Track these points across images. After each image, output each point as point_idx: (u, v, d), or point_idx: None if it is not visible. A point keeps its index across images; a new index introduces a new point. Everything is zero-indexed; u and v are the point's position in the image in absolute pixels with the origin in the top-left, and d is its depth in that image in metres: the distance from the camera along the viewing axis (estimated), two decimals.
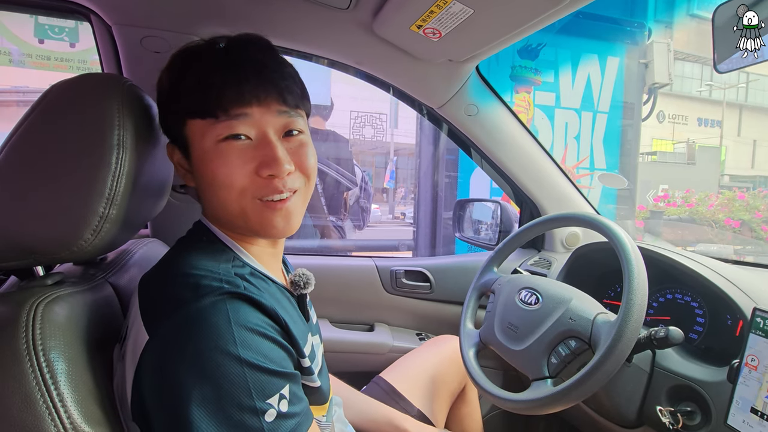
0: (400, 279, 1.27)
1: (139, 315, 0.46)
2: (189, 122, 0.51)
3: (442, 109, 1.07)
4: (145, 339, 0.43)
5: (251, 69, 0.50)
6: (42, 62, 3.71)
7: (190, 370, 0.41)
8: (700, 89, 13.99)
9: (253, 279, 0.50)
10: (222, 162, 0.49)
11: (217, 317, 0.43)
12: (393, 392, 0.95)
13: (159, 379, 0.42)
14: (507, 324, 0.81)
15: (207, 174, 0.50)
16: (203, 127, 0.49)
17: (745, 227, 4.86)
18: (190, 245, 0.54)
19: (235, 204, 0.51)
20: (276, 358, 0.45)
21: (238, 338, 0.42)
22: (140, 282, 0.50)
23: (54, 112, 0.48)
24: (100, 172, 0.47)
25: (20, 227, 0.45)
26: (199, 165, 0.51)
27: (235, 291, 0.45)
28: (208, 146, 0.49)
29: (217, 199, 0.51)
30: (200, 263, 0.48)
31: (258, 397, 0.42)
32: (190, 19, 0.81)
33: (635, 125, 3.72)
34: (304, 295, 0.60)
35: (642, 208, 5.55)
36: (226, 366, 0.41)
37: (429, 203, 3.12)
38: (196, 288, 0.45)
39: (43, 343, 0.41)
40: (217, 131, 0.49)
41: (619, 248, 0.69)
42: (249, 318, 0.45)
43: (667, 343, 0.65)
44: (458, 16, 0.70)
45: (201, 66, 0.50)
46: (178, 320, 0.43)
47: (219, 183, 0.50)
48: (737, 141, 14.13)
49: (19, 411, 0.39)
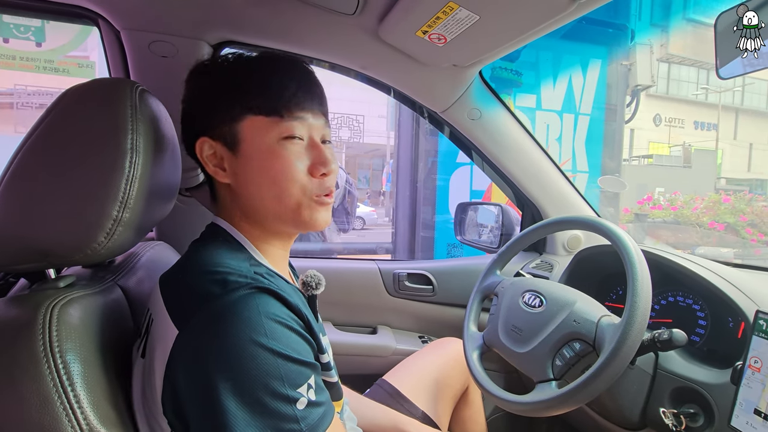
0: (402, 282, 1.28)
1: (165, 312, 0.47)
2: (249, 118, 0.53)
3: (446, 113, 1.08)
4: (175, 333, 0.44)
5: (312, 81, 0.57)
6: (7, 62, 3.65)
7: (224, 361, 0.42)
8: (696, 92, 14.09)
9: (270, 278, 0.51)
10: (285, 158, 0.53)
11: (248, 310, 0.44)
12: (397, 395, 0.95)
13: (193, 371, 0.43)
14: (511, 326, 0.81)
15: (267, 168, 0.53)
16: (266, 125, 0.53)
17: (729, 230, 4.89)
18: (209, 245, 0.55)
19: (293, 198, 0.54)
20: (302, 350, 0.47)
21: (268, 330, 0.44)
22: (161, 281, 0.51)
23: (68, 117, 0.49)
24: (114, 175, 0.47)
25: (35, 230, 0.46)
26: (255, 159, 0.54)
27: (262, 285, 0.47)
28: (271, 143, 0.53)
29: (274, 193, 0.54)
30: (223, 261, 0.50)
31: (290, 386, 0.43)
32: (199, 24, 0.82)
33: (618, 127, 3.75)
34: (315, 296, 0.61)
35: (627, 211, 5.57)
36: (258, 356, 0.42)
37: (408, 205, 3.12)
38: (224, 283, 0.46)
39: (59, 345, 0.42)
40: (280, 130, 0.53)
41: (623, 251, 0.70)
42: (276, 311, 0.46)
43: (670, 345, 0.66)
44: (464, 22, 0.71)
45: (273, 68, 0.55)
46: (210, 313, 0.44)
47: (282, 177, 0.53)
48: (733, 144, 14.23)
49: (37, 412, 0.39)
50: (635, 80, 3.92)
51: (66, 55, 3.77)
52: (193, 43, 0.84)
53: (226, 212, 0.59)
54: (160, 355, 0.45)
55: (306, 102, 0.55)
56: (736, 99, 14.52)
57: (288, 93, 0.54)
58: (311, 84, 0.57)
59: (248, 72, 0.55)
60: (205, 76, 0.57)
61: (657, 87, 11.91)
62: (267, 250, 0.58)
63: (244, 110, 0.54)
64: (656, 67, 4.00)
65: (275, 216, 0.56)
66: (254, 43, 0.90)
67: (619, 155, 3.91)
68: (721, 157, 12.96)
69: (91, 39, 3.89)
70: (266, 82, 0.54)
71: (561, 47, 3.37)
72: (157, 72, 0.85)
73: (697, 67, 13.63)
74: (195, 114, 0.57)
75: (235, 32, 0.86)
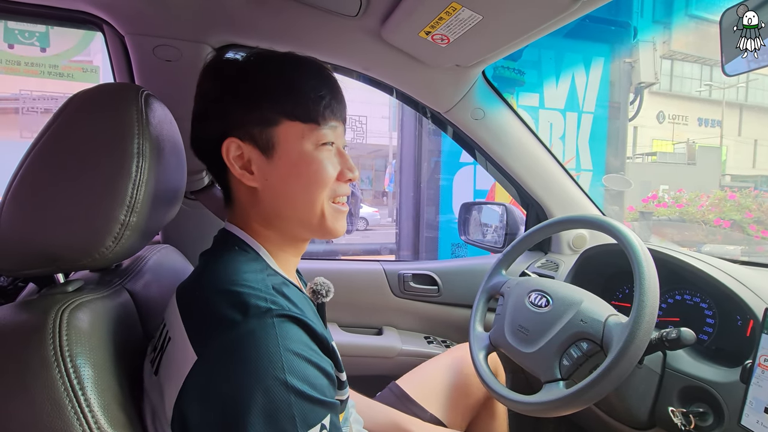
0: (407, 282, 1.28)
1: (184, 332, 0.46)
2: (285, 123, 0.53)
3: (449, 113, 1.08)
4: (193, 359, 0.43)
5: (337, 87, 0.58)
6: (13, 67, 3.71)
7: (239, 394, 0.41)
8: (700, 89, 14.01)
9: (286, 290, 0.50)
10: (321, 164, 0.55)
11: (267, 341, 0.43)
12: (405, 398, 0.94)
13: (206, 401, 0.42)
14: (517, 326, 0.81)
15: (302, 173, 0.54)
16: (303, 131, 0.54)
17: (735, 227, 4.84)
18: (225, 255, 0.54)
19: (319, 204, 0.55)
20: (320, 387, 0.45)
21: (286, 364, 0.42)
22: (178, 292, 0.51)
23: (75, 122, 0.49)
24: (121, 180, 0.47)
25: (44, 235, 0.46)
26: (293, 165, 0.54)
27: (283, 313, 0.46)
28: (308, 149, 0.54)
29: (306, 198, 0.55)
30: (239, 277, 0.48)
31: (301, 426, 0.42)
32: (202, 27, 0.82)
33: (622, 125, 3.72)
34: (324, 303, 0.61)
35: (631, 209, 5.53)
36: (273, 392, 0.41)
37: (411, 205, 3.11)
38: (244, 307, 0.44)
39: (69, 349, 0.42)
40: (317, 136, 0.54)
41: (630, 250, 0.70)
42: (297, 343, 0.45)
43: (679, 344, 0.66)
44: (467, 22, 0.71)
45: (306, 74, 0.56)
46: (228, 342, 0.43)
47: (315, 182, 0.55)
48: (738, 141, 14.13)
49: (49, 417, 0.39)
50: (638, 78, 3.90)
51: (70, 59, 3.81)
52: (197, 46, 0.84)
53: (241, 217, 0.58)
54: (174, 379, 0.44)
55: (337, 111, 0.57)
56: (740, 95, 14.42)
57: (324, 102, 0.55)
58: (339, 92, 0.58)
59: (282, 76, 0.55)
60: (231, 76, 0.55)
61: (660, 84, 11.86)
62: (280, 257, 0.57)
63: (281, 115, 0.54)
64: (659, 64, 3.97)
65: (300, 221, 0.56)
66: (257, 46, 0.90)
67: (623, 153, 3.89)
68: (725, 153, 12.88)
69: (94, 43, 3.92)
70: (302, 89, 0.54)
71: (563, 45, 3.35)
72: (162, 76, 0.86)
73: (700, 64, 13.55)
74: (219, 113, 0.55)
75: (238, 35, 0.87)
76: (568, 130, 3.39)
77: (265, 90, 0.54)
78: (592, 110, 3.44)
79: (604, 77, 3.47)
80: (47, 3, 0.80)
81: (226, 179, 0.57)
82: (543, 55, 3.33)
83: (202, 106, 0.56)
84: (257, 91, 0.54)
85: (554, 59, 3.37)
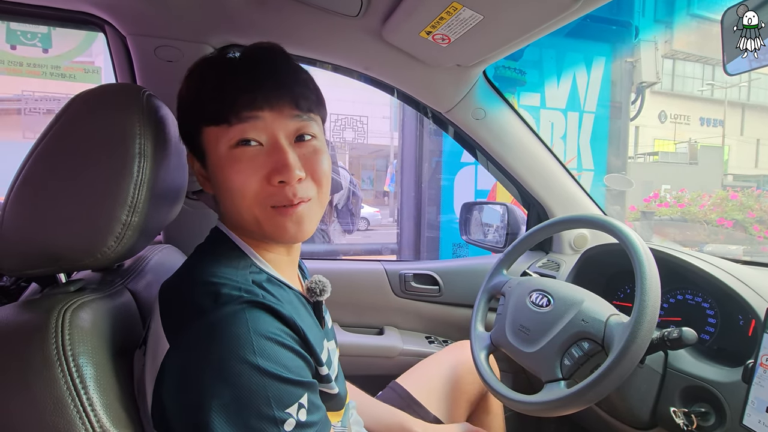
0: (408, 282, 1.28)
1: (160, 323, 0.46)
2: (205, 130, 0.52)
3: (450, 113, 1.08)
4: (166, 348, 0.44)
5: (265, 74, 0.51)
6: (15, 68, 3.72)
7: (211, 379, 0.41)
8: (702, 89, 13.97)
9: (270, 286, 0.51)
10: (235, 169, 0.50)
11: (237, 326, 0.43)
12: (409, 398, 0.94)
13: (180, 387, 0.43)
14: (518, 326, 0.81)
15: (222, 181, 0.51)
16: (218, 134, 0.50)
17: (738, 227, 4.82)
18: (209, 252, 0.54)
19: (249, 211, 0.51)
20: (294, 368, 0.46)
21: (257, 347, 0.43)
22: (161, 289, 0.51)
23: (77, 122, 0.49)
24: (123, 180, 0.48)
25: (46, 235, 0.46)
26: (215, 172, 0.52)
27: (254, 300, 0.46)
28: (222, 152, 0.50)
29: (233, 206, 0.52)
30: (219, 271, 0.49)
31: (277, 407, 0.42)
32: (203, 28, 0.83)
33: (623, 124, 3.71)
34: (320, 301, 0.61)
35: (633, 209, 5.51)
36: (245, 375, 0.42)
37: (412, 205, 3.11)
38: (216, 296, 0.45)
39: (72, 348, 0.42)
40: (230, 136, 0.49)
41: (631, 250, 0.70)
42: (268, 327, 0.45)
43: (680, 344, 0.66)
44: (468, 22, 0.71)
45: (217, 74, 0.52)
46: (199, 329, 0.43)
47: (233, 190, 0.50)
48: (740, 140, 14.09)
49: (51, 415, 0.39)
50: (640, 77, 3.89)
51: (72, 60, 3.82)
52: (198, 47, 0.84)
53: (226, 218, 0.58)
54: (150, 368, 0.45)
55: (259, 99, 0.49)
56: (742, 94, 14.38)
57: (236, 93, 0.49)
58: (274, 74, 0.51)
59: (200, 80, 0.52)
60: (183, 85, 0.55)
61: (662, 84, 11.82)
62: (270, 257, 0.57)
63: (199, 121, 0.52)
64: (661, 63, 3.96)
65: (246, 228, 0.54)
66: None
67: (625, 153, 3.88)
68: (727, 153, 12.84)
69: (95, 44, 3.93)
70: (213, 89, 0.50)
71: (564, 45, 3.34)
72: (163, 76, 0.86)
73: (702, 63, 13.51)
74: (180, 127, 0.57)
75: (239, 35, 0.87)
76: (569, 130, 3.38)
77: (188, 100, 0.53)
78: (593, 110, 3.43)
79: (606, 77, 3.46)
80: (49, 4, 0.80)
81: None
82: (544, 55, 3.33)
83: None
84: (185, 103, 0.54)
85: (555, 59, 3.36)
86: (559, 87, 3.36)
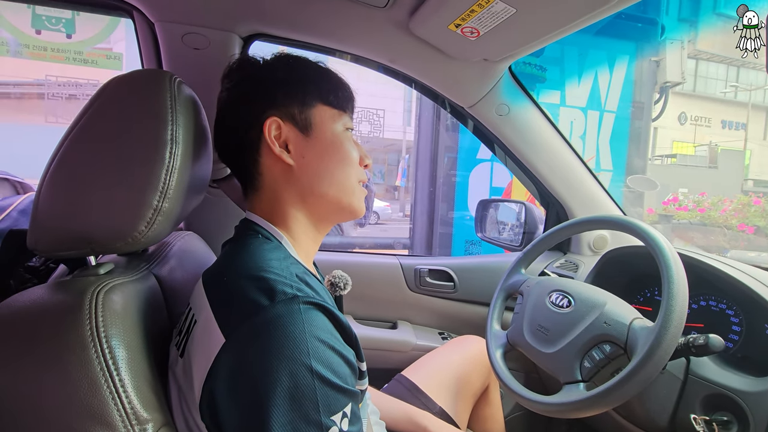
0: (424, 278, 1.27)
1: (212, 315, 0.46)
2: (320, 106, 0.59)
3: (473, 108, 1.07)
4: (221, 342, 0.44)
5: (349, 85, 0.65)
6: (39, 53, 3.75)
7: (265, 376, 0.41)
8: (725, 90, 13.59)
9: (308, 279, 0.51)
10: (350, 145, 0.62)
11: (294, 327, 0.43)
12: (415, 389, 0.95)
13: (234, 381, 0.43)
14: (537, 326, 0.80)
15: (336, 151, 0.60)
16: (334, 115, 0.61)
17: (759, 234, 4.69)
18: (249, 243, 0.55)
19: (352, 180, 0.61)
20: (343, 375, 0.46)
21: (311, 350, 0.43)
22: (205, 279, 0.51)
23: (111, 108, 0.50)
24: (155, 166, 0.48)
25: (80, 218, 0.47)
26: (328, 143, 0.59)
27: (308, 299, 0.46)
28: (340, 131, 0.61)
29: (339, 174, 0.60)
30: (266, 263, 0.49)
31: (324, 413, 0.42)
32: (231, 16, 0.82)
33: (644, 125, 3.62)
34: (341, 296, 0.61)
35: (651, 212, 5.40)
36: (299, 376, 0.42)
37: (426, 201, 3.10)
38: (271, 293, 0.45)
39: (105, 330, 0.43)
40: (344, 121, 0.61)
41: (658, 253, 0.68)
42: (322, 329, 0.45)
43: (706, 350, 0.64)
44: (499, 15, 0.70)
45: (335, 72, 0.63)
46: (255, 326, 0.43)
47: (347, 161, 0.60)
48: (763, 144, 13.70)
49: (85, 395, 0.40)
50: (664, 77, 3.79)
51: (94, 47, 3.86)
52: (225, 35, 0.84)
53: (269, 202, 0.59)
54: (202, 360, 0.45)
55: (352, 106, 0.64)
56: (767, 98, 13.97)
57: (348, 93, 0.63)
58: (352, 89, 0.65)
59: (317, 66, 0.62)
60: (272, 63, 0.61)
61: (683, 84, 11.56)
62: (302, 244, 0.58)
63: (317, 99, 0.59)
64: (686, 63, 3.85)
65: (333, 198, 0.60)
66: (284, 36, 0.90)
67: (645, 154, 3.80)
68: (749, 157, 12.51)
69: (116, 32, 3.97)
70: (334, 79, 0.62)
71: (587, 42, 3.27)
72: (190, 64, 0.87)
73: (726, 64, 13.13)
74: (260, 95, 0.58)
75: (266, 25, 0.87)
76: (588, 129, 3.32)
77: (304, 75, 0.60)
78: (614, 109, 3.36)
79: (629, 75, 3.38)
80: None
81: (254, 164, 0.58)
82: (566, 52, 3.26)
83: (240, 89, 0.59)
84: (297, 75, 0.60)
85: (577, 56, 3.29)
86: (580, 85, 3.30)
